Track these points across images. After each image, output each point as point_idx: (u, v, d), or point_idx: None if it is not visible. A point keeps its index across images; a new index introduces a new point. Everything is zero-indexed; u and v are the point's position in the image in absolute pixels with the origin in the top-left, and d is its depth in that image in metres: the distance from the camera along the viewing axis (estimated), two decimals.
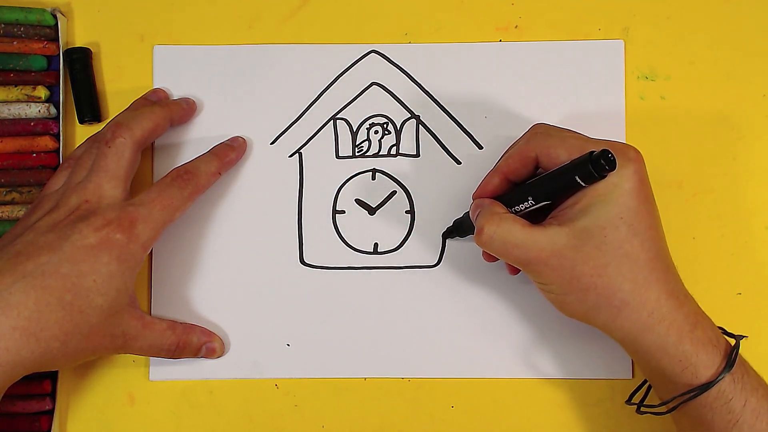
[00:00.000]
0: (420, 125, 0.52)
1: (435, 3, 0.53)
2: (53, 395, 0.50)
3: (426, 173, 0.52)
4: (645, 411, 0.45)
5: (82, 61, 0.52)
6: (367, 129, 0.52)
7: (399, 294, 0.51)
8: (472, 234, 0.47)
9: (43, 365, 0.43)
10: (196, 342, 0.49)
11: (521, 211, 0.44)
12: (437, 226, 0.51)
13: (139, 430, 0.51)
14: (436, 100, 0.52)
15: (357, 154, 0.52)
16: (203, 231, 0.52)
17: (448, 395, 0.51)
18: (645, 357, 0.43)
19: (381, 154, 0.52)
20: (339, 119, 0.52)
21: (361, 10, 0.53)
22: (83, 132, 0.52)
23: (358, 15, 0.53)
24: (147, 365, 0.51)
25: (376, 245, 0.52)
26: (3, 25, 0.52)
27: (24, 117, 0.51)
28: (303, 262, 0.52)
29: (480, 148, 0.52)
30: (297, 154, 0.52)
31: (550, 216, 0.44)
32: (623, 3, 0.52)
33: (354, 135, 0.52)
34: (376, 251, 0.52)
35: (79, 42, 0.53)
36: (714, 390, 0.41)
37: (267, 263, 0.51)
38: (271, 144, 0.52)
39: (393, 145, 0.52)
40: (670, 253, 0.43)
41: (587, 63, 0.52)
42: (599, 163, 0.40)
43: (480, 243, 0.44)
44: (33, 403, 0.49)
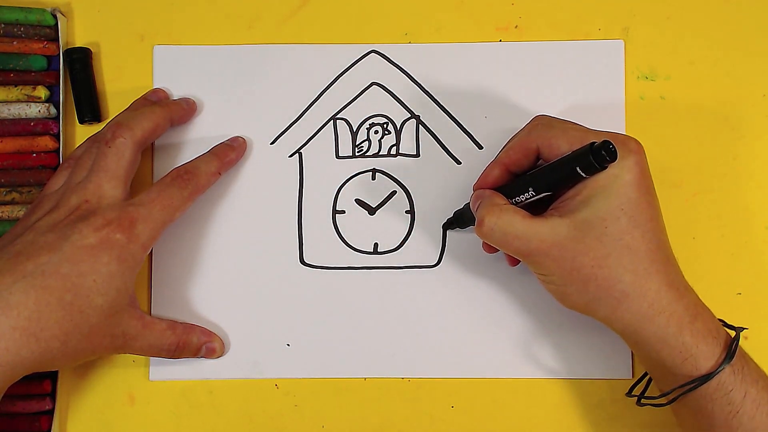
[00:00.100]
0: (420, 125, 0.52)
1: (435, 3, 0.53)
2: (53, 395, 0.50)
3: (426, 173, 0.52)
4: (645, 403, 0.45)
5: (82, 61, 0.52)
6: (367, 129, 0.52)
7: (399, 294, 0.51)
8: (472, 225, 0.47)
9: (43, 365, 0.43)
10: (196, 342, 0.49)
11: (522, 203, 0.44)
12: (437, 226, 0.51)
13: (139, 430, 0.51)
14: (436, 100, 0.52)
15: (357, 154, 0.52)
16: (203, 231, 0.52)
17: (448, 395, 0.51)
18: (645, 348, 0.43)
19: (381, 154, 0.52)
20: (339, 119, 0.52)
21: (361, 10, 0.53)
22: (83, 132, 0.52)
23: (358, 15, 0.53)
24: (147, 365, 0.51)
25: (376, 245, 0.52)
26: (3, 25, 0.52)
27: (24, 117, 0.51)
28: (303, 262, 0.52)
29: (480, 148, 0.52)
30: (297, 154, 0.52)
31: (550, 207, 0.44)
32: (623, 3, 0.52)
33: (354, 135, 0.52)
34: (376, 251, 0.52)
35: (79, 42, 0.53)
36: (714, 381, 0.41)
37: (267, 263, 0.51)
38: (271, 144, 0.52)
39: (393, 145, 0.52)
40: (670, 245, 0.43)
41: (587, 63, 0.52)
42: (600, 154, 0.40)
43: (480, 234, 0.44)
44: (33, 403, 0.49)
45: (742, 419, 0.41)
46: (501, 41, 0.52)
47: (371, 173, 0.52)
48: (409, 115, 0.52)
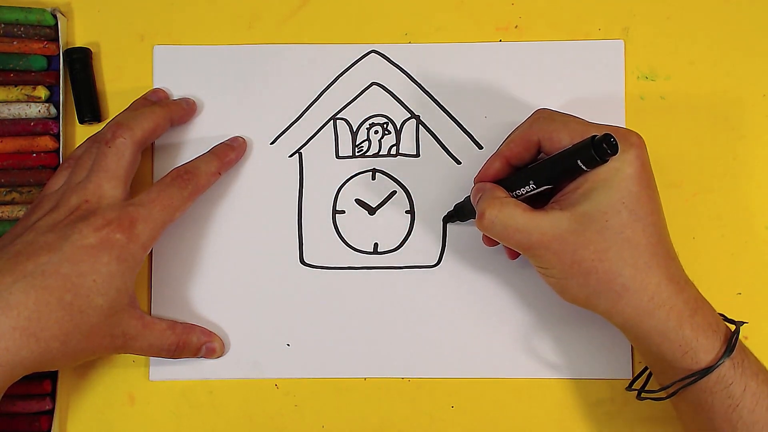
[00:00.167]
0: (420, 125, 0.52)
1: (435, 3, 0.53)
2: (53, 395, 0.50)
3: (426, 173, 0.52)
4: (645, 397, 0.45)
5: (82, 61, 0.52)
6: (367, 129, 0.52)
7: (399, 294, 0.51)
8: (472, 218, 0.47)
9: (43, 365, 0.43)
10: (196, 342, 0.49)
11: (522, 196, 0.44)
12: (437, 226, 0.51)
13: (139, 430, 0.51)
14: (436, 100, 0.52)
15: (357, 154, 0.52)
16: (203, 231, 0.52)
17: (448, 395, 0.51)
18: (645, 342, 0.43)
19: (381, 154, 0.52)
20: (339, 119, 0.52)
21: (361, 10, 0.53)
22: (83, 132, 0.52)
23: (358, 15, 0.53)
24: (147, 365, 0.51)
25: (376, 245, 0.52)
26: (3, 25, 0.52)
27: (24, 117, 0.51)
28: (303, 262, 0.52)
29: (480, 148, 0.52)
30: (297, 154, 0.52)
31: (551, 201, 0.44)
32: (623, 3, 0.52)
33: (354, 135, 0.52)
34: (376, 251, 0.52)
35: (79, 42, 0.53)
36: (714, 375, 0.41)
37: (267, 263, 0.51)
38: (271, 144, 0.52)
39: (393, 145, 0.52)
40: (671, 239, 0.43)
41: (587, 63, 0.52)
42: (601, 147, 0.40)
43: (481, 227, 0.44)
44: (33, 403, 0.49)
45: (742, 413, 0.41)
46: (501, 41, 0.52)
47: (371, 173, 0.52)
48: (409, 115, 0.52)
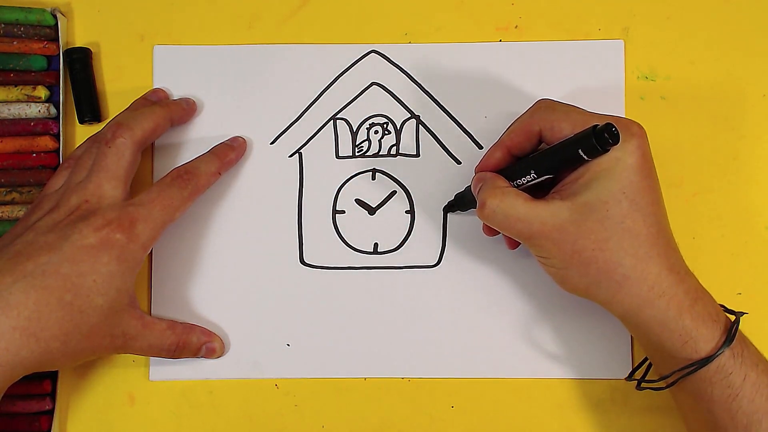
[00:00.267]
0: (420, 125, 0.52)
1: (435, 3, 0.53)
2: (53, 395, 0.50)
3: (426, 173, 0.52)
4: (645, 387, 0.45)
5: (82, 61, 0.52)
6: (367, 129, 0.52)
7: (399, 294, 0.51)
8: (473, 208, 0.47)
9: (43, 365, 0.43)
10: (196, 342, 0.49)
11: (523, 185, 0.44)
12: (437, 226, 0.51)
13: (139, 430, 0.51)
14: (436, 100, 0.52)
15: (357, 154, 0.52)
16: (203, 231, 0.52)
17: (448, 395, 0.51)
18: (645, 332, 0.43)
19: (381, 154, 0.52)
20: (339, 119, 0.52)
21: (361, 10, 0.53)
22: (83, 132, 0.52)
23: (358, 15, 0.53)
24: (147, 365, 0.51)
25: (376, 245, 0.52)
26: (3, 25, 0.52)
27: (24, 117, 0.51)
28: (303, 262, 0.52)
29: (480, 148, 0.52)
30: (297, 154, 0.52)
31: (552, 190, 0.44)
32: (623, 3, 0.52)
33: (354, 135, 0.52)
34: (376, 251, 0.52)
35: (79, 42, 0.53)
36: (714, 364, 0.41)
37: (267, 263, 0.51)
38: (271, 144, 0.52)
39: (393, 145, 0.52)
40: (671, 229, 0.43)
41: (587, 63, 0.52)
42: (603, 137, 0.40)
43: (482, 216, 0.44)
44: (33, 403, 0.49)
45: (741, 402, 0.41)
46: (501, 41, 0.52)
47: (371, 173, 0.52)
48: (409, 115, 0.52)
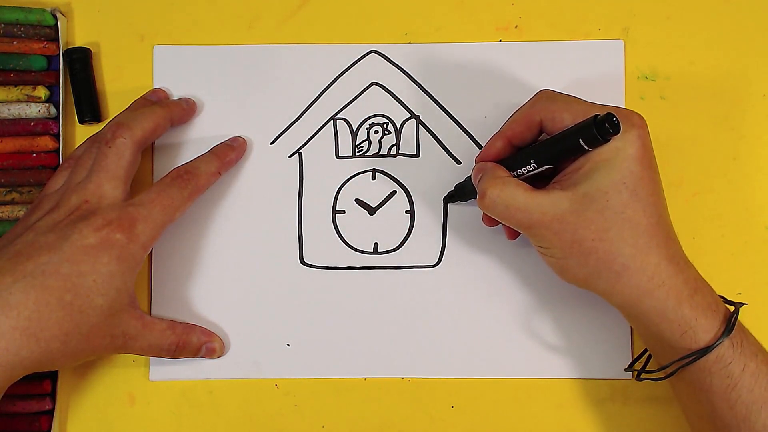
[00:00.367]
0: (420, 125, 0.52)
1: (435, 3, 0.53)
2: (53, 395, 0.50)
3: (426, 173, 0.52)
4: (644, 378, 0.45)
5: (82, 61, 0.52)
6: (367, 129, 0.52)
7: (399, 294, 0.51)
8: (473, 198, 0.47)
9: (43, 365, 0.43)
10: (196, 342, 0.49)
11: (523, 175, 0.44)
12: (437, 226, 0.51)
13: (139, 430, 0.51)
14: (436, 100, 0.52)
15: (357, 154, 0.52)
16: (203, 231, 0.52)
17: (448, 395, 0.51)
18: (644, 322, 0.43)
19: (381, 154, 0.52)
20: (339, 119, 0.52)
21: (361, 10, 0.53)
22: (83, 132, 0.52)
23: (358, 15, 0.53)
24: (147, 365, 0.51)
25: (376, 245, 0.52)
26: (3, 25, 0.52)
27: (24, 117, 0.51)
28: (303, 262, 0.52)
29: (480, 148, 0.51)
30: (297, 154, 0.52)
31: (553, 181, 0.44)
32: (623, 3, 0.52)
33: (354, 135, 0.52)
34: (376, 251, 0.52)
35: (79, 42, 0.53)
36: (713, 354, 0.41)
37: (267, 263, 0.51)
38: (271, 144, 0.52)
39: (393, 145, 0.52)
40: (671, 220, 0.43)
41: (587, 63, 0.52)
42: (603, 127, 0.40)
43: (483, 206, 0.44)
44: (33, 403, 0.49)
45: (740, 392, 0.41)
46: (501, 41, 0.52)
47: (371, 173, 0.52)
48: (409, 115, 0.52)
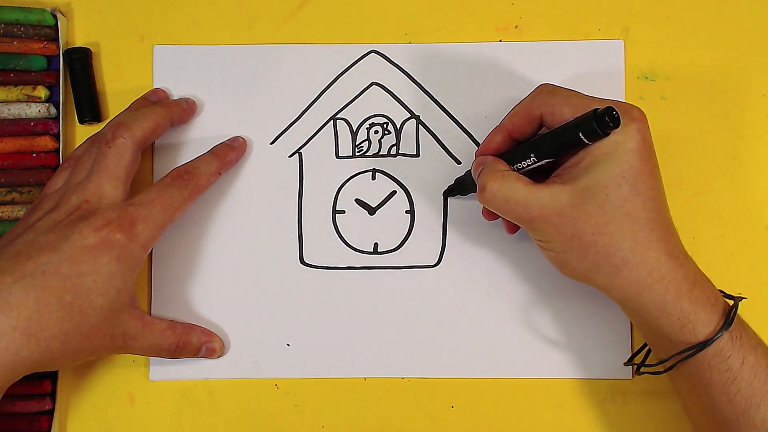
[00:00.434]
0: (420, 125, 0.52)
1: (435, 3, 0.53)
2: (53, 395, 0.50)
3: (426, 173, 0.52)
4: (644, 371, 0.45)
5: (82, 61, 0.52)
6: (367, 129, 0.52)
7: (399, 294, 0.51)
8: (473, 192, 0.47)
9: (43, 365, 0.43)
10: (196, 342, 0.49)
11: (523, 169, 0.44)
12: (437, 226, 0.51)
13: (139, 430, 0.51)
14: (436, 100, 0.52)
15: (357, 154, 0.52)
16: (203, 231, 0.52)
17: (448, 395, 0.51)
18: (644, 316, 0.43)
19: (381, 154, 0.52)
20: (339, 119, 0.52)
21: (361, 10, 0.53)
22: (83, 132, 0.52)
23: (358, 15, 0.53)
24: (147, 365, 0.51)
25: (376, 245, 0.52)
26: (3, 25, 0.52)
27: (24, 117, 0.51)
28: (303, 262, 0.52)
29: None
30: (297, 154, 0.52)
31: (553, 175, 0.44)
32: (623, 3, 0.52)
33: (354, 135, 0.52)
34: (376, 251, 0.52)
35: (79, 42, 0.53)
36: (712, 348, 0.41)
37: (267, 263, 0.51)
38: (271, 144, 0.52)
39: (393, 145, 0.52)
40: (670, 214, 0.44)
41: (587, 63, 0.52)
42: (603, 120, 0.40)
43: (483, 200, 0.44)
44: (33, 403, 0.49)
45: (740, 386, 0.41)
46: (501, 41, 0.52)
47: (371, 173, 0.52)
48: (409, 115, 0.52)
